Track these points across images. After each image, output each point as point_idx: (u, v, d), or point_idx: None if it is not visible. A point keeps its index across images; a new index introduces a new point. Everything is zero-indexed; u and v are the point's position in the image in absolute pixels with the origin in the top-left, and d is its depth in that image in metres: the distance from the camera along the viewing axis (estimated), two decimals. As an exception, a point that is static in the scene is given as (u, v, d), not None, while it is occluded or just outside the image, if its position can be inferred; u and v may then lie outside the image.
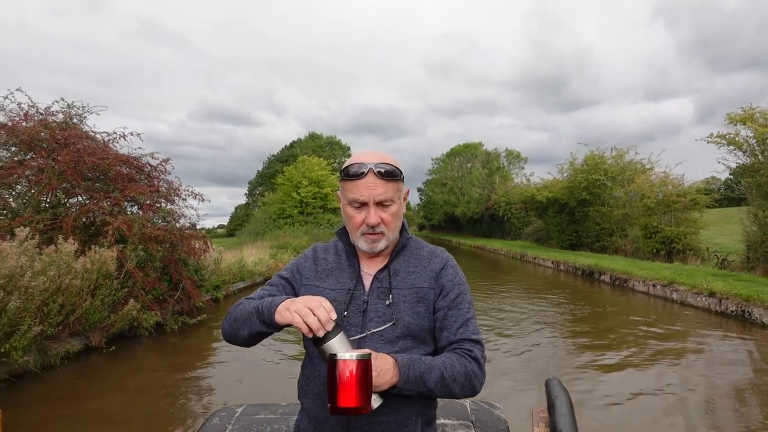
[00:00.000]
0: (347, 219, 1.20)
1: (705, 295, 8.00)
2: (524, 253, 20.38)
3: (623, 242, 17.31)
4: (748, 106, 10.23)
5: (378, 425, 1.12)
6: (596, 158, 19.28)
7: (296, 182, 24.97)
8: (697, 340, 6.43)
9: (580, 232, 20.11)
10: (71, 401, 4.62)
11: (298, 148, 47.08)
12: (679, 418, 3.95)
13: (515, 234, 30.75)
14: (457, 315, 1.19)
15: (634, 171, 17.93)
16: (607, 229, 18.27)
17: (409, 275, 1.21)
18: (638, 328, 7.10)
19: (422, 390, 1.09)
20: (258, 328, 1.13)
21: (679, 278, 9.14)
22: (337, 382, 0.93)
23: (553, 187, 21.43)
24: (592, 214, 18.75)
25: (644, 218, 15.26)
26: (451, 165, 50.85)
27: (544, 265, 17.38)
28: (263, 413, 1.82)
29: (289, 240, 19.68)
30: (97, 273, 6.04)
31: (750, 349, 5.98)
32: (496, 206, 32.18)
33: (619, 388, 4.66)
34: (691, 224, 14.47)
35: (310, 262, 1.29)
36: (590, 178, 18.36)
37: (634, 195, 16.24)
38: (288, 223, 24.03)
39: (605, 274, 12.13)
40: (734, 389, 4.59)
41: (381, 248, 1.19)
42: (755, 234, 10.78)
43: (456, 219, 44.44)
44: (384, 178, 1.14)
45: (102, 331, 6.30)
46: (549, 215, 22.59)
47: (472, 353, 1.15)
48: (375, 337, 1.13)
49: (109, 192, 7.05)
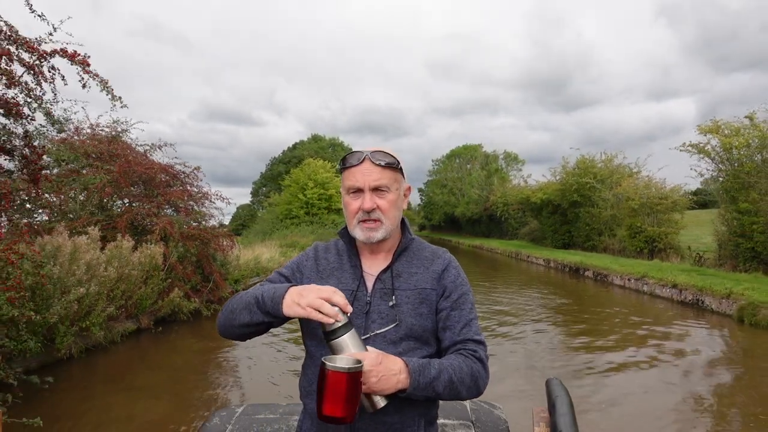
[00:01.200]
0: (345, 208, 1.22)
1: (669, 287, 9.16)
2: (519, 252, 21.50)
3: (611, 241, 18.42)
4: (714, 119, 11.36)
5: (382, 426, 1.13)
6: (587, 162, 20.41)
7: (302, 184, 26.20)
8: (660, 322, 7.57)
9: (572, 232, 21.20)
10: (126, 372, 5.68)
11: (301, 150, 48.07)
12: (633, 374, 5.11)
13: (512, 234, 31.80)
14: (460, 315, 1.19)
15: (622, 174, 19.05)
16: (597, 229, 19.37)
17: (412, 276, 1.21)
18: (607, 311, 8.25)
19: (431, 395, 1.09)
20: (258, 318, 1.11)
21: (650, 273, 10.28)
22: (324, 391, 0.93)
23: (547, 189, 22.53)
24: (583, 215, 19.86)
25: (629, 219, 16.39)
26: (451, 166, 51.82)
27: (536, 263, 18.51)
28: (263, 413, 1.83)
29: (297, 239, 20.83)
30: (148, 265, 7.18)
31: (699, 330, 7.11)
32: (494, 207, 33.21)
33: (592, 361, 5.80)
34: (672, 225, 15.60)
35: (311, 261, 1.28)
36: (581, 181, 19.50)
37: (621, 197, 17.34)
38: (294, 222, 25.25)
39: (589, 270, 13.30)
40: (686, 362, 5.74)
41: (378, 238, 1.18)
42: (724, 234, 11.90)
43: (456, 219, 45.44)
44: (380, 165, 1.16)
45: (150, 315, 7.44)
46: (543, 216, 23.68)
47: (477, 354, 1.16)
48: (378, 338, 1.12)
49: (153, 197, 8.21)
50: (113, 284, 6.44)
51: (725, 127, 11.29)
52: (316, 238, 22.28)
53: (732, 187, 11.12)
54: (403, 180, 1.24)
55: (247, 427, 1.72)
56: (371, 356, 1.01)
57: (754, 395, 4.53)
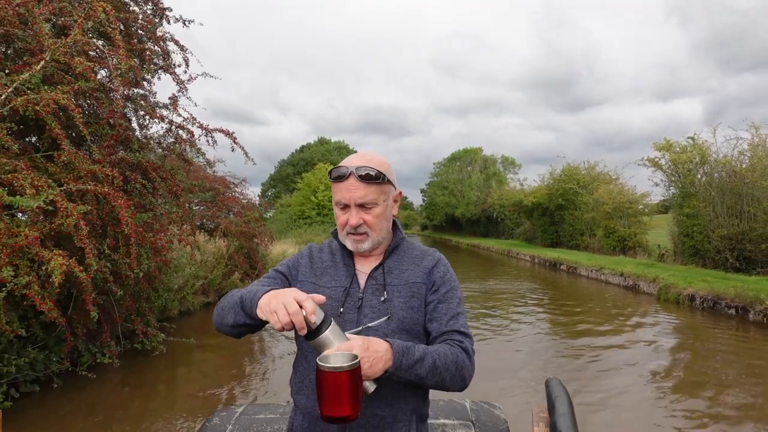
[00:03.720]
0: (336, 218, 1.26)
1: (617, 275, 11.52)
2: (510, 250, 23.88)
3: (592, 241, 20.73)
4: (666, 139, 13.70)
5: (373, 419, 1.15)
6: (572, 169, 22.75)
7: (314, 187, 28.71)
8: (604, 299, 9.94)
9: (559, 232, 23.51)
10: (204, 331, 8.06)
11: (308, 153, 50.38)
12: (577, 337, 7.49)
13: (508, 234, 34.10)
14: (448, 308, 1.22)
15: (601, 181, 21.38)
16: (579, 230, 21.69)
17: (403, 272, 1.25)
18: (571, 293, 10.62)
19: (414, 378, 1.10)
20: (242, 319, 1.13)
21: (608, 265, 12.66)
22: (324, 392, 0.92)
23: (537, 193, 24.88)
24: (568, 217, 22.17)
25: (604, 221, 18.73)
26: (452, 168, 54.05)
27: (523, 259, 20.92)
28: (263, 413, 1.84)
29: (311, 237, 23.24)
30: (217, 255, 9.59)
31: (631, 301, 9.49)
32: (491, 208, 35.50)
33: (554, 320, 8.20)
34: (641, 226, 17.94)
35: (306, 260, 1.32)
36: (565, 186, 21.84)
37: (598, 201, 19.68)
38: (307, 222, 27.74)
39: (563, 264, 15.69)
40: (617, 322, 8.13)
41: (366, 248, 1.23)
42: (676, 234, 14.23)
43: (456, 220, 47.64)
44: (364, 181, 1.17)
45: (216, 292, 9.85)
46: (534, 217, 25.98)
47: (463, 344, 1.17)
48: (370, 331, 1.13)
49: (215, 203, 10.64)
50: (198, 267, 8.85)
51: (675, 145, 13.63)
52: (327, 236, 24.58)
53: (679, 195, 13.47)
54: (393, 189, 1.27)
55: (246, 427, 1.73)
56: (358, 344, 1.02)
57: (657, 336, 6.91)
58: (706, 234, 12.30)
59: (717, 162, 12.52)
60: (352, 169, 1.18)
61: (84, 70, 3.92)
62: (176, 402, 4.88)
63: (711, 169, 12.84)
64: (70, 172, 4.21)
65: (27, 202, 3.44)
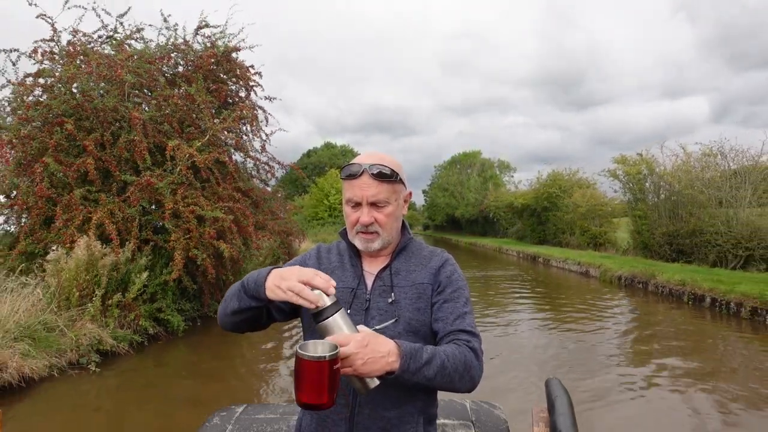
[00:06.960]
0: (345, 217, 1.25)
1: (575, 263, 14.62)
2: (501, 247, 27.01)
3: (571, 239, 23.78)
4: (622, 154, 16.77)
5: (380, 421, 1.15)
6: (556, 175, 25.82)
7: (326, 191, 31.88)
8: (563, 284, 13.01)
9: (545, 231, 26.54)
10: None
11: (315, 157, 53.33)
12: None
13: (503, 233, 37.11)
14: (454, 307, 1.20)
15: (580, 186, 24.42)
16: (561, 229, 24.72)
17: (410, 273, 1.24)
18: (540, 279, 13.71)
19: (422, 381, 1.06)
20: (246, 303, 1.13)
21: (571, 257, 15.75)
22: (300, 379, 0.93)
23: (526, 195, 27.95)
24: (552, 218, 25.21)
25: (580, 221, 21.78)
26: (452, 171, 56.97)
27: (511, 254, 24.08)
28: (263, 413, 1.86)
29: (325, 237, 26.37)
30: (269, 249, 12.72)
31: (579, 282, 12.57)
32: (488, 209, 38.48)
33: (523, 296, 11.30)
34: (611, 225, 20.98)
35: (314, 260, 1.33)
36: (550, 190, 24.89)
37: (575, 204, 22.72)
38: (320, 223, 30.89)
39: (540, 257, 18.80)
40: (570, 293, 11.22)
41: (376, 248, 1.22)
42: (633, 232, 17.27)
43: (456, 220, 50.44)
44: (378, 179, 1.17)
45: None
46: (524, 217, 29.02)
47: (470, 344, 1.15)
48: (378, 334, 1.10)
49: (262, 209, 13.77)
50: (260, 256, 11.98)
51: (629, 159, 16.69)
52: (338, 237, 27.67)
53: (632, 200, 16.54)
54: (404, 189, 1.26)
55: (246, 427, 1.74)
56: (357, 338, 0.99)
57: (594, 305, 9.98)
58: (651, 231, 15.35)
59: (660, 174, 15.58)
60: (366, 167, 1.18)
61: (236, 143, 7.05)
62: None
63: (658, 179, 15.90)
64: (215, 195, 7.33)
65: (212, 213, 6.57)
